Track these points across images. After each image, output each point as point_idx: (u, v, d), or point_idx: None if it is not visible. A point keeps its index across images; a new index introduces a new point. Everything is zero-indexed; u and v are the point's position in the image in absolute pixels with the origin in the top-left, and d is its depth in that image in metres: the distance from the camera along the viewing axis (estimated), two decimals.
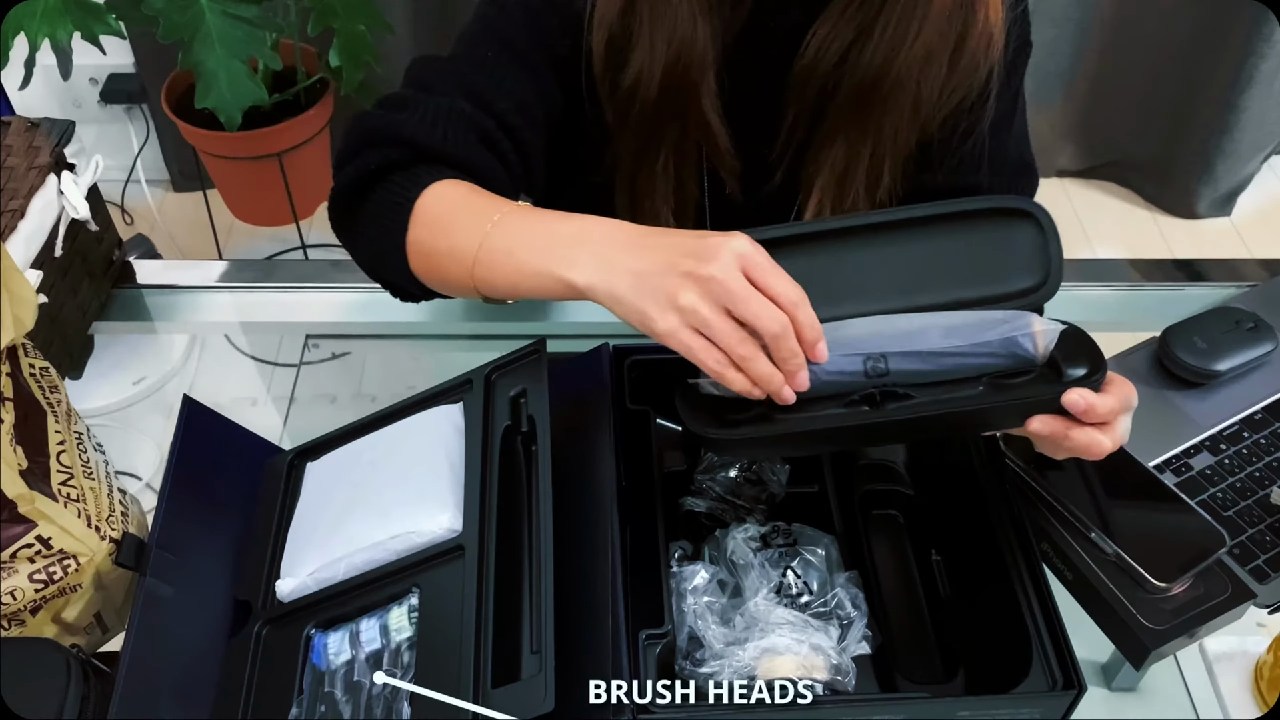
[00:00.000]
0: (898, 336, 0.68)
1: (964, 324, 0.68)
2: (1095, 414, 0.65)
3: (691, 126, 0.84)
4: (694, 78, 0.81)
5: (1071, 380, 0.66)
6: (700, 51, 0.80)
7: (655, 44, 0.79)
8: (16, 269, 0.68)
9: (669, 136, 0.85)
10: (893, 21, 0.78)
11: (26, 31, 1.43)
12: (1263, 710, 0.77)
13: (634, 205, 0.90)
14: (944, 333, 0.68)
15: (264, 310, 1.08)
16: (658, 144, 0.85)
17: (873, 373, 0.69)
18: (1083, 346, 0.69)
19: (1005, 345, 0.68)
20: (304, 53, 1.79)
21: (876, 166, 0.85)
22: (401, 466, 0.76)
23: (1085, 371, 0.67)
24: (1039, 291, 0.74)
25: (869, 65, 0.80)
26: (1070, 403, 0.65)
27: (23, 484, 0.65)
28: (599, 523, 0.71)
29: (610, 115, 0.85)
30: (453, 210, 0.73)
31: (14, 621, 0.70)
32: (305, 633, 0.72)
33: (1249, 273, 1.09)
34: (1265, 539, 0.84)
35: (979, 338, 0.68)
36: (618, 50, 0.81)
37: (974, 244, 0.74)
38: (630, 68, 0.81)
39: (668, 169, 0.87)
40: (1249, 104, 2.11)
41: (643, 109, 0.83)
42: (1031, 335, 0.68)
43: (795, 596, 0.76)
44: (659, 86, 0.81)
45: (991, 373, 0.69)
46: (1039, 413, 0.66)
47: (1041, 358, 0.68)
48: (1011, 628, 0.71)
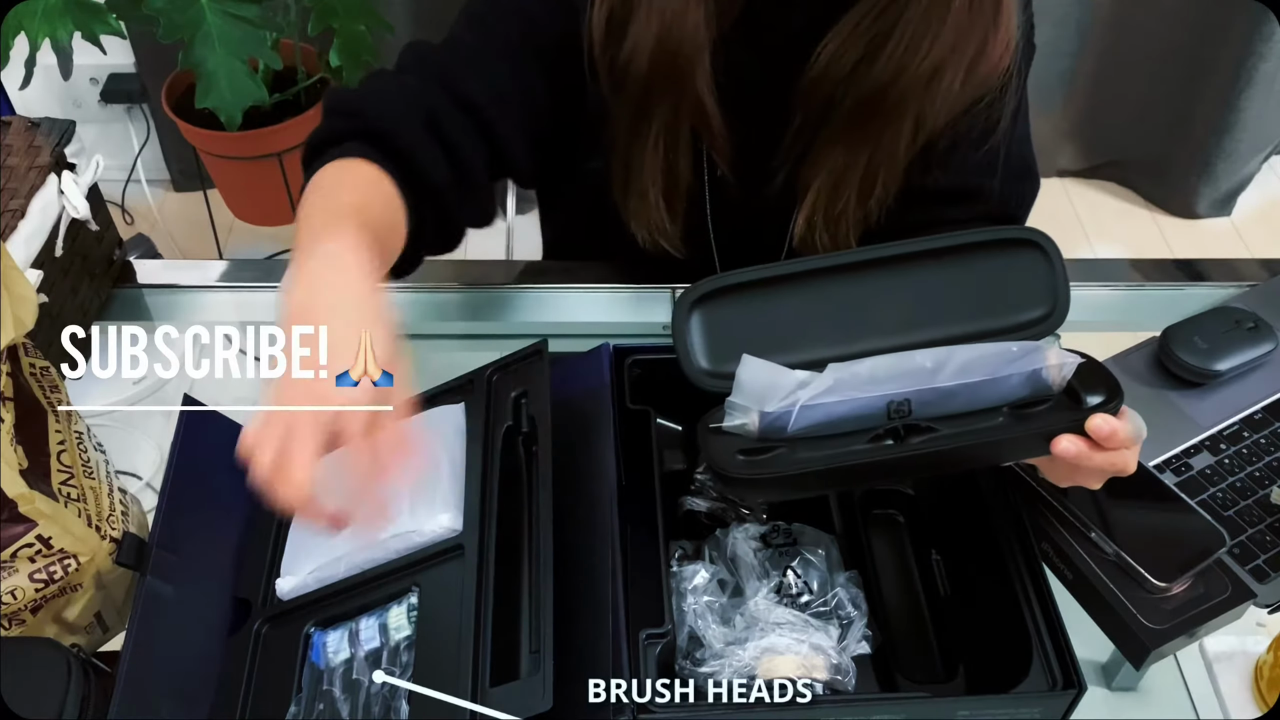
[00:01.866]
0: (916, 373, 0.68)
1: (980, 358, 0.68)
2: (1117, 439, 0.65)
3: (684, 106, 0.84)
4: (687, 53, 0.81)
5: (1092, 407, 0.66)
6: (691, 29, 0.80)
7: (650, 17, 0.80)
8: (17, 268, 0.68)
9: (660, 113, 0.85)
10: (905, 39, 0.78)
11: (27, 31, 1.43)
12: (1263, 710, 0.77)
13: (626, 185, 0.90)
14: (961, 369, 0.68)
15: (265, 310, 1.08)
16: (649, 120, 0.85)
17: (895, 414, 0.68)
18: (1096, 374, 0.69)
19: (1023, 378, 0.68)
20: (304, 52, 1.79)
21: (872, 175, 0.86)
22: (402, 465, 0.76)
23: (1104, 398, 0.67)
24: (1047, 321, 0.74)
25: (876, 79, 0.80)
26: (1094, 428, 0.65)
27: (23, 483, 0.65)
28: (599, 522, 0.71)
29: (605, 90, 0.85)
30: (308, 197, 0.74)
31: (14, 621, 0.70)
32: (304, 631, 0.72)
33: (1249, 273, 1.09)
34: (1265, 539, 0.84)
35: (997, 372, 0.68)
36: (618, 25, 0.82)
37: (982, 275, 0.75)
38: (627, 42, 0.82)
39: (658, 147, 0.87)
40: (1249, 104, 2.11)
41: (634, 81, 0.83)
42: (1048, 368, 0.68)
43: (795, 596, 0.76)
44: (649, 59, 0.81)
45: (1011, 403, 0.69)
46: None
47: (1059, 387, 0.69)
48: (1011, 628, 0.71)
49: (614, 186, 0.90)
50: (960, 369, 0.68)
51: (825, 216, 0.87)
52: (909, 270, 0.75)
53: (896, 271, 0.75)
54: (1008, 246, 0.75)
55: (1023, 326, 0.74)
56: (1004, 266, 0.75)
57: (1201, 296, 1.06)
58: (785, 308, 0.75)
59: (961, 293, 0.75)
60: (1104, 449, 0.66)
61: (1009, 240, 0.75)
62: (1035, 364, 0.68)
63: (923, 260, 0.75)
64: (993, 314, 0.75)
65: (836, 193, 0.86)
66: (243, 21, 1.51)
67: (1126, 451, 0.67)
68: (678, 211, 0.91)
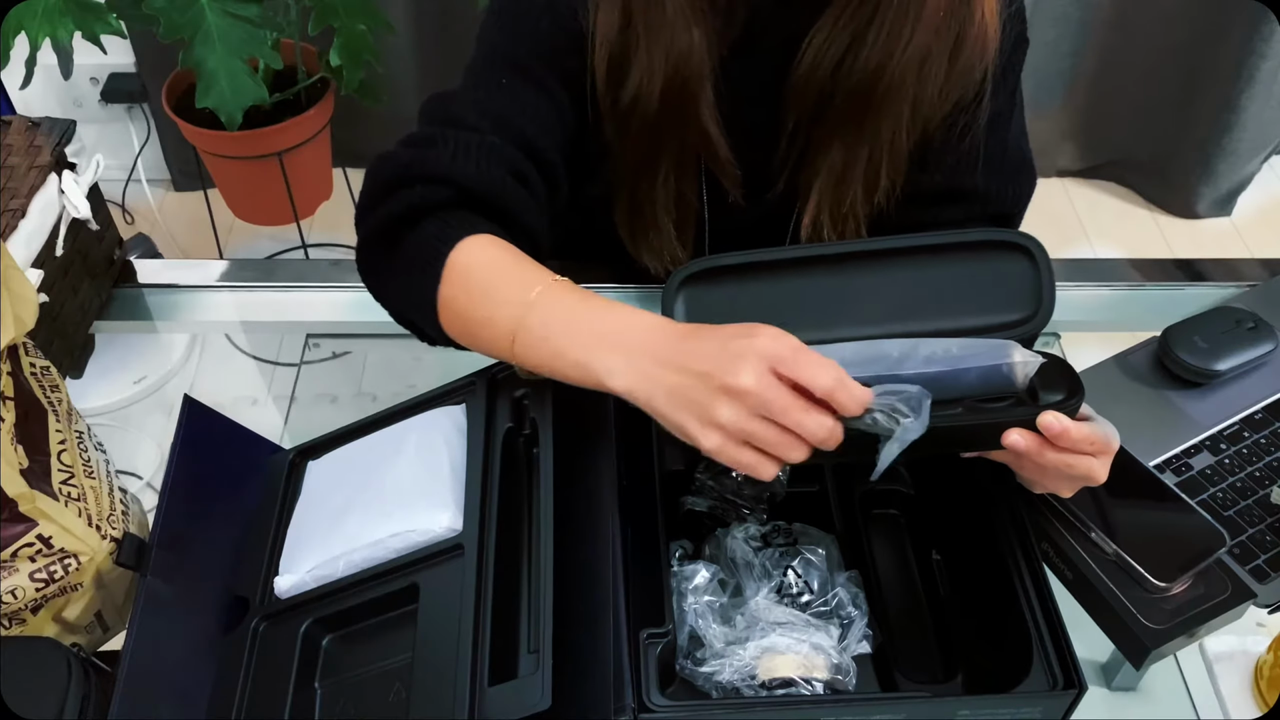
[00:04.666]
0: (881, 360, 0.68)
1: (946, 351, 0.69)
2: (1068, 439, 0.65)
3: (691, 138, 0.84)
4: (692, 89, 0.81)
5: (1046, 405, 0.67)
6: (697, 63, 0.80)
7: (653, 58, 0.80)
8: (17, 268, 0.68)
9: (669, 149, 0.85)
10: (886, 26, 0.78)
11: (27, 31, 1.43)
12: (1263, 710, 0.77)
13: (633, 218, 0.90)
14: (926, 360, 0.69)
15: (265, 310, 1.08)
16: (658, 157, 0.85)
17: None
18: (1062, 375, 0.70)
19: (986, 373, 0.69)
20: (305, 52, 1.79)
21: (874, 169, 0.85)
22: (403, 466, 0.76)
23: (1061, 397, 0.68)
24: (1029, 323, 0.75)
25: (864, 69, 0.80)
26: (1045, 424, 0.65)
27: (23, 483, 0.65)
28: (600, 522, 0.71)
29: (610, 131, 0.85)
30: (488, 278, 0.72)
31: (15, 620, 0.70)
32: (303, 629, 0.72)
33: (1249, 272, 1.09)
34: (1265, 539, 0.84)
35: (961, 365, 0.69)
36: (618, 66, 0.82)
37: (967, 275, 0.76)
38: (629, 83, 0.81)
39: (669, 182, 0.87)
40: (1249, 104, 2.11)
41: (642, 123, 0.83)
42: (1012, 364, 0.68)
43: (796, 596, 0.76)
44: (659, 99, 0.81)
45: (972, 396, 0.69)
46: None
47: (1021, 385, 0.69)
48: (1011, 627, 0.71)
49: (620, 222, 0.90)
50: (926, 359, 0.69)
51: (831, 216, 0.87)
52: (896, 264, 0.76)
53: (883, 265, 0.76)
54: (998, 249, 0.76)
55: (1005, 326, 0.75)
56: (991, 268, 0.76)
57: (1201, 296, 1.06)
58: (770, 293, 0.77)
59: (946, 290, 0.76)
60: (1055, 447, 0.66)
61: (999, 243, 0.76)
62: (1000, 360, 0.68)
63: (911, 256, 0.76)
64: (975, 312, 0.76)
65: (840, 191, 0.86)
66: (243, 21, 1.51)
67: (1090, 459, 0.67)
68: (688, 239, 0.91)
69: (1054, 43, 2.13)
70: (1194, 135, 2.21)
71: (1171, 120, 2.22)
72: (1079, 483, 0.70)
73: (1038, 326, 0.75)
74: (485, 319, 0.71)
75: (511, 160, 0.79)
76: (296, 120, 1.78)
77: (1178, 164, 2.26)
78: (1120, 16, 2.11)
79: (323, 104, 1.81)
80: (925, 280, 0.76)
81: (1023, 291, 0.75)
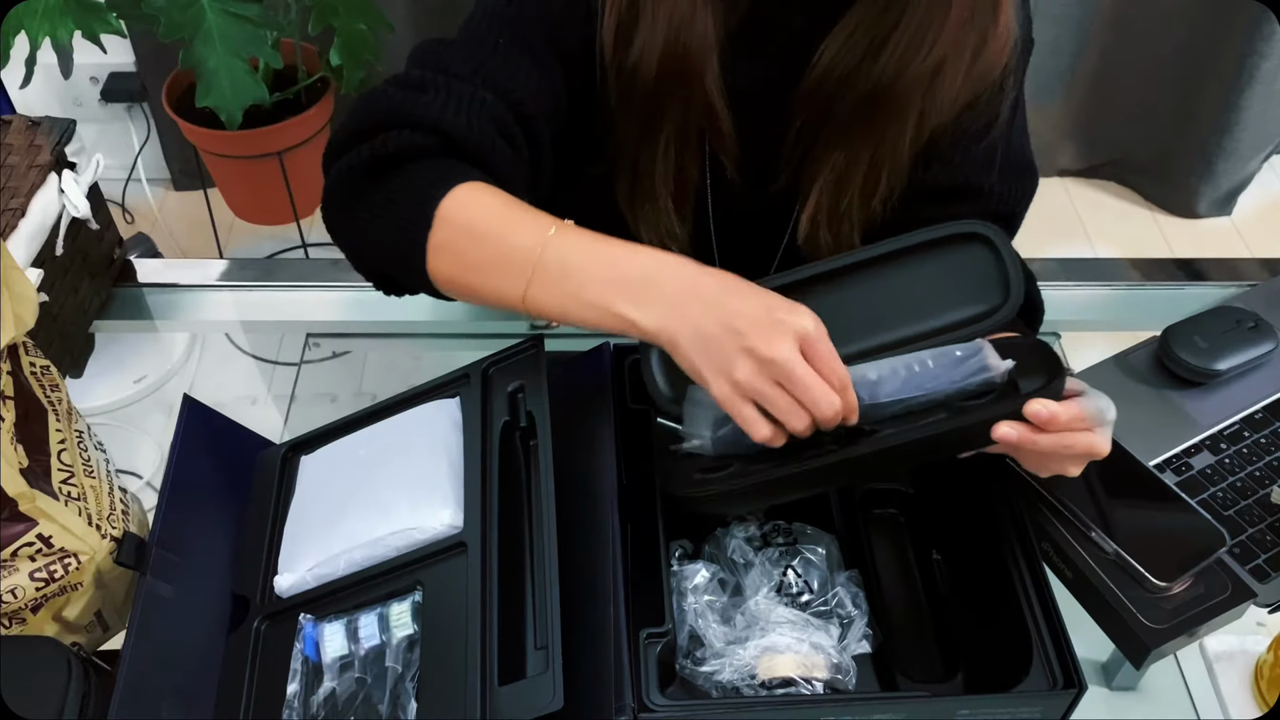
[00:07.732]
0: (860, 383, 0.69)
1: (923, 364, 0.70)
2: (1058, 422, 0.66)
3: (693, 109, 0.84)
4: (694, 57, 0.81)
5: (1028, 393, 0.67)
6: (700, 31, 0.80)
7: (657, 21, 0.80)
8: (17, 267, 0.68)
9: (670, 117, 0.85)
10: (907, 36, 0.78)
11: (27, 30, 1.43)
12: (1263, 710, 0.77)
13: (634, 191, 0.89)
14: (905, 376, 0.70)
15: (264, 309, 1.08)
16: (659, 125, 0.85)
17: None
18: (1042, 360, 0.70)
19: (967, 377, 0.70)
20: (305, 51, 1.79)
21: (875, 172, 0.85)
22: (400, 462, 0.76)
23: (1042, 383, 0.68)
24: (1000, 311, 0.75)
25: (879, 77, 0.80)
26: (1032, 414, 0.66)
27: (23, 482, 0.65)
28: (600, 521, 0.71)
29: (614, 97, 0.85)
30: (497, 219, 0.71)
31: (15, 620, 0.70)
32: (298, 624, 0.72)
33: (1249, 272, 1.09)
34: (1265, 538, 0.84)
35: (940, 376, 0.70)
36: (625, 31, 0.82)
37: (931, 274, 0.76)
38: (634, 47, 0.81)
39: (669, 152, 0.86)
40: (1249, 104, 2.11)
41: (643, 86, 0.82)
42: (989, 363, 0.69)
43: (796, 595, 0.76)
44: (659, 62, 0.81)
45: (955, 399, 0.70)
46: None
47: (1000, 381, 0.70)
48: (1011, 627, 0.71)
49: (621, 193, 0.90)
50: (904, 376, 0.70)
51: (829, 215, 0.87)
52: (859, 278, 0.76)
53: (847, 281, 0.76)
54: (955, 242, 0.76)
55: (978, 319, 0.75)
56: (954, 262, 0.76)
57: (1202, 296, 1.06)
58: None
59: (915, 293, 0.76)
60: (1047, 432, 0.66)
61: (955, 236, 0.76)
62: (977, 362, 0.69)
63: (871, 267, 0.76)
64: (946, 310, 0.76)
65: (840, 191, 0.86)
66: (243, 20, 1.51)
67: (1087, 434, 0.67)
68: (686, 215, 0.91)
69: (1054, 43, 2.13)
70: (1194, 135, 2.21)
71: (1171, 120, 2.22)
72: (1084, 459, 0.70)
73: (1010, 312, 0.75)
74: (492, 261, 0.70)
75: (501, 119, 0.78)
76: (296, 120, 1.78)
77: (1178, 164, 2.26)
78: (1120, 16, 2.11)
79: (323, 103, 1.81)
80: (891, 288, 0.76)
81: (990, 280, 0.75)
